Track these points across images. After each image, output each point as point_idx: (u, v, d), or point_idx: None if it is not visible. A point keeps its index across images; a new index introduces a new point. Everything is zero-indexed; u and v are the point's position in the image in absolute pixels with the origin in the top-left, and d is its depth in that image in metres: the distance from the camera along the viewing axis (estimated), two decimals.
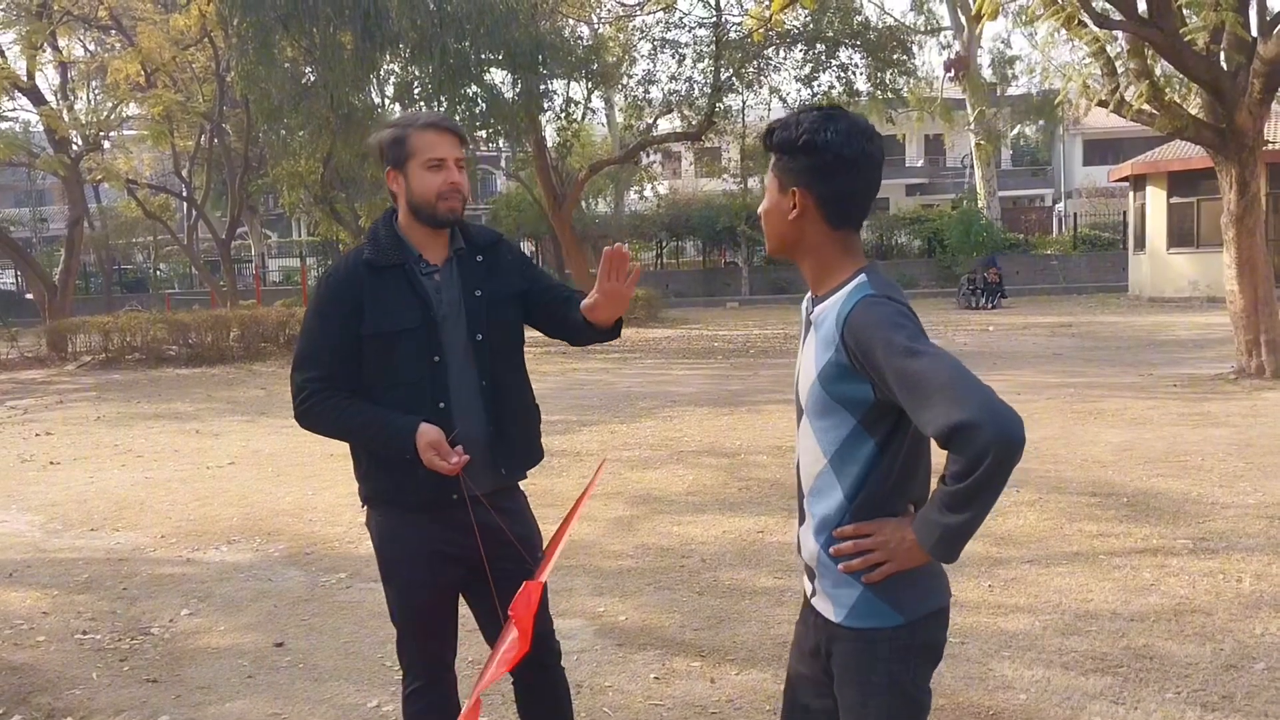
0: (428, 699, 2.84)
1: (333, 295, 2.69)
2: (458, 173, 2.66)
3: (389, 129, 2.72)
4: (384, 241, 2.70)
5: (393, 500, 2.76)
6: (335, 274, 2.74)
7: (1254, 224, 11.58)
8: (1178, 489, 6.80)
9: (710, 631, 4.59)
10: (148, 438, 10.62)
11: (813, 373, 2.01)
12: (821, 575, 2.07)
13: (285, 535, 6.54)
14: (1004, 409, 1.80)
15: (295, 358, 2.75)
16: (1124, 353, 14.99)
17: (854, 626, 2.02)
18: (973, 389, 1.80)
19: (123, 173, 27.65)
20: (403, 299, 2.65)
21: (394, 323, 2.64)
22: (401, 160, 2.65)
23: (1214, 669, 3.98)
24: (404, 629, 2.84)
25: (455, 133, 2.69)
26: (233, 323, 18.93)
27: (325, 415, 2.69)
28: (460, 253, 2.76)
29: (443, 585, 2.79)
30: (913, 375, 1.82)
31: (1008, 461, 1.78)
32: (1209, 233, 22.31)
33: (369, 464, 2.77)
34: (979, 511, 1.84)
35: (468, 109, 21.72)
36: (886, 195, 44.98)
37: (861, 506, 2.00)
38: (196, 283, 38.52)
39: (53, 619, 5.11)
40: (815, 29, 23.68)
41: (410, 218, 2.70)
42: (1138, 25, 10.96)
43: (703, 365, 15.69)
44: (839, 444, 2.00)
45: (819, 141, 1.97)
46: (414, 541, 2.74)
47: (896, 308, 1.92)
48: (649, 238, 38.61)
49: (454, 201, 2.65)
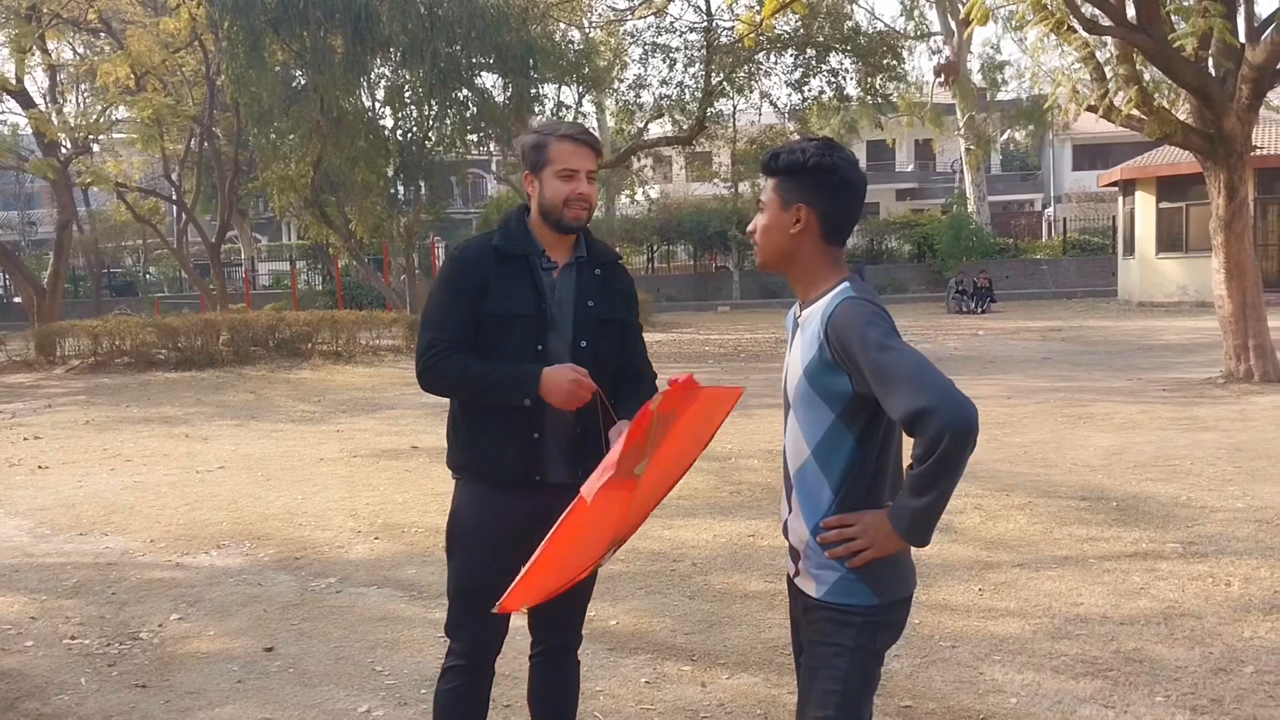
0: (463, 681, 2.92)
1: (463, 270, 2.87)
2: (587, 184, 2.85)
3: (532, 135, 2.91)
4: (514, 232, 2.90)
5: (479, 473, 2.89)
6: (467, 252, 2.91)
7: (1242, 229, 11.64)
8: (1167, 493, 6.82)
9: (701, 636, 4.59)
10: (137, 442, 10.58)
11: (799, 368, 2.26)
12: (807, 558, 2.30)
13: (275, 540, 6.51)
14: (960, 397, 2.03)
15: (425, 319, 2.91)
16: (1113, 357, 15.04)
17: (831, 602, 2.25)
18: (932, 379, 2.04)
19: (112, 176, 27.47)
20: (522, 286, 2.84)
21: (511, 307, 2.82)
22: (539, 166, 2.84)
23: (1203, 672, 4.00)
24: (457, 603, 2.93)
25: (592, 146, 2.87)
26: (222, 326, 18.86)
27: (451, 368, 2.81)
28: (581, 261, 2.93)
29: (505, 567, 2.83)
30: (883, 366, 2.07)
31: (962, 443, 2.01)
32: (1198, 237, 22.42)
33: (466, 435, 2.91)
34: (942, 493, 2.07)
35: (458, 113, 21.73)
36: (877, 200, 45.06)
37: (847, 498, 2.24)
38: (186, 286, 38.40)
39: (41, 624, 5.09)
40: (806, 34, 23.71)
41: (540, 218, 2.88)
42: (1127, 31, 11.02)
43: (693, 369, 15.59)
44: (821, 437, 2.24)
45: (826, 164, 2.26)
46: (490, 517, 2.86)
47: (874, 309, 2.18)
48: (640, 242, 38.64)
49: (579, 210, 2.84)
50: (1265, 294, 12.43)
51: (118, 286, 43.70)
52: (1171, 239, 24.72)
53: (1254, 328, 11.62)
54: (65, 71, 29.45)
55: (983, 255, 32.42)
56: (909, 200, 46.84)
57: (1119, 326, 20.17)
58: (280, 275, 40.53)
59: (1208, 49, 11.17)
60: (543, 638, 3.06)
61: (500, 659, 3.02)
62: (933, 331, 20.48)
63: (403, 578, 5.60)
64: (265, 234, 47.94)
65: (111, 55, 24.84)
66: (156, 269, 45.03)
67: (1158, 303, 24.38)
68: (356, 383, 15.29)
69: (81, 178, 26.70)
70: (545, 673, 3.07)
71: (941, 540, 5.84)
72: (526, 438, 2.82)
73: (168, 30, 23.53)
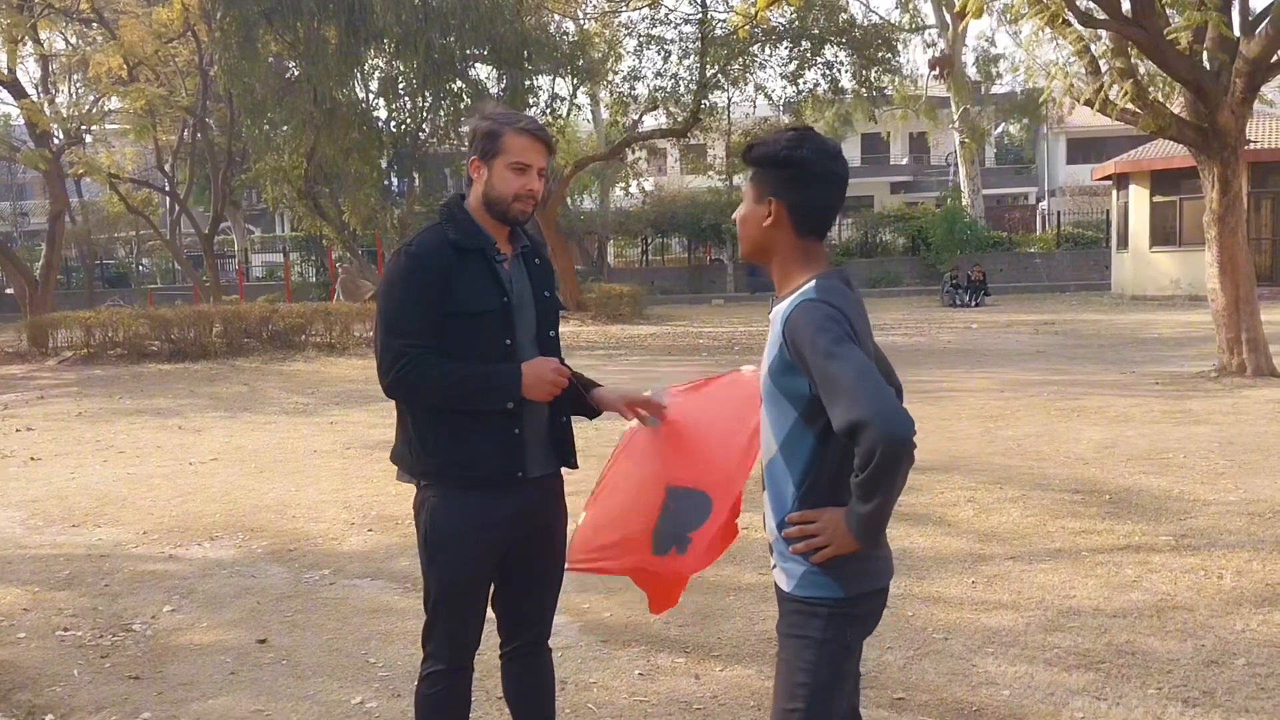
0: (446, 683, 2.88)
1: (423, 267, 2.75)
2: (537, 181, 2.81)
3: (486, 121, 2.83)
4: (464, 224, 2.82)
5: (454, 478, 2.79)
6: (424, 247, 2.78)
7: (1236, 223, 11.65)
8: (1160, 486, 6.83)
9: (694, 628, 4.59)
10: (130, 433, 10.56)
11: (765, 366, 2.30)
12: (777, 552, 2.35)
13: (268, 532, 6.51)
14: (895, 411, 2.04)
15: (388, 324, 2.74)
16: (1106, 351, 15.07)
17: (799, 595, 2.28)
18: (870, 392, 2.04)
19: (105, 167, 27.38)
20: (484, 282, 2.77)
21: (478, 304, 2.75)
22: (490, 154, 2.77)
23: (1195, 665, 4.01)
24: (437, 609, 2.87)
25: (546, 143, 2.83)
26: (215, 318, 18.82)
27: (427, 378, 2.70)
28: (526, 250, 2.91)
29: (485, 568, 2.86)
30: (827, 375, 2.09)
31: (895, 456, 2.02)
32: (1191, 231, 22.46)
33: (436, 440, 2.78)
34: (883, 501, 2.09)
35: (452, 104, 21.69)
36: (871, 193, 45.08)
37: (808, 494, 2.27)
38: (179, 278, 38.30)
39: (33, 615, 5.08)
40: (801, 26, 23.70)
41: (481, 207, 2.82)
42: (1121, 24, 11.02)
43: (687, 362, 15.69)
44: (785, 435, 2.28)
45: (795, 156, 2.26)
46: (470, 522, 2.79)
47: (829, 311, 2.16)
48: (634, 234, 38.60)
49: (527, 204, 2.80)
50: (1258, 288, 12.45)
51: (110, 278, 43.59)
52: (1165, 233, 24.76)
53: (1246, 321, 11.65)
54: (58, 62, 29.32)
55: (977, 249, 32.46)
56: (903, 193, 46.88)
57: (1112, 320, 20.21)
58: (274, 267, 40.48)
59: (1202, 43, 11.18)
60: (515, 634, 3.00)
61: (487, 649, 3.00)
62: (926, 325, 20.50)
63: (396, 569, 5.60)
64: (259, 225, 47.81)
65: (104, 45, 24.76)
66: (149, 260, 44.93)
67: (1151, 296, 24.42)
68: (350, 375, 15.26)
69: (74, 168, 26.62)
70: (520, 668, 3.02)
71: (935, 533, 5.85)
72: (507, 434, 2.77)
73: (160, 20, 23.46)
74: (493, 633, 3.00)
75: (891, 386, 2.26)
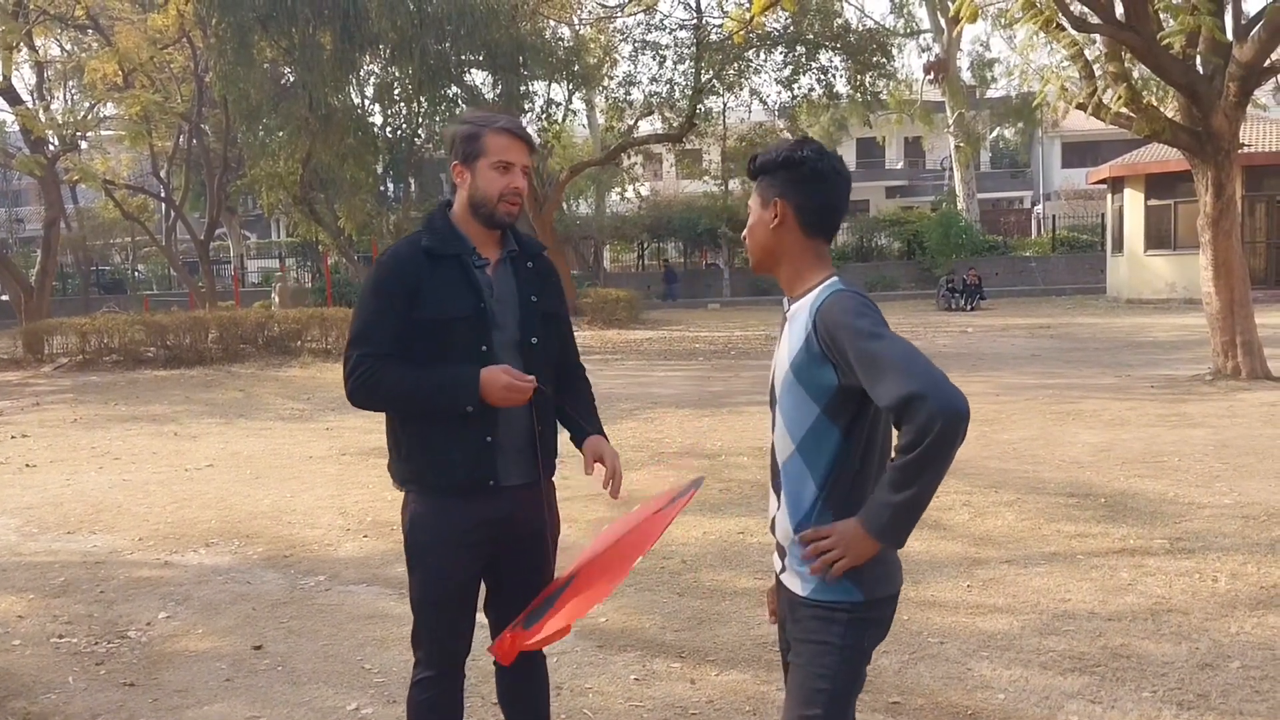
0: (436, 689, 2.88)
1: (392, 276, 2.75)
2: (521, 179, 2.78)
3: (466, 124, 2.81)
4: (442, 231, 2.79)
5: (430, 483, 2.79)
6: (396, 256, 2.78)
7: (1230, 226, 11.68)
8: (1155, 489, 6.84)
9: (691, 633, 4.59)
10: (125, 440, 10.55)
11: (786, 361, 2.26)
12: (792, 555, 2.29)
13: (264, 538, 6.50)
14: (949, 384, 2.01)
15: (352, 335, 2.79)
16: (1102, 354, 15.09)
17: (818, 600, 2.24)
18: (922, 366, 2.02)
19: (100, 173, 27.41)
20: (457, 287, 2.74)
21: (449, 310, 2.72)
22: (472, 156, 2.75)
23: (1190, 668, 4.01)
24: (423, 616, 2.87)
25: (527, 142, 2.81)
26: (211, 324, 18.81)
27: (382, 384, 2.71)
28: (514, 255, 2.86)
29: (467, 574, 2.84)
30: (871, 354, 2.06)
31: (952, 432, 1.97)
32: (1186, 235, 22.47)
33: (409, 445, 2.80)
34: (925, 486, 2.03)
35: (448, 110, 21.71)
36: (866, 197, 45.14)
37: (832, 493, 2.23)
38: (175, 284, 38.30)
39: (29, 622, 5.07)
40: (795, 31, 23.76)
41: (467, 212, 2.80)
42: (1115, 29, 11.05)
43: (684, 367, 15.70)
44: (806, 431, 2.23)
45: (795, 157, 2.29)
46: (446, 527, 2.78)
47: (862, 300, 2.18)
48: (630, 239, 38.60)
49: (512, 204, 2.77)
50: (1253, 291, 12.48)
51: (106, 284, 43.56)
52: (1160, 236, 24.81)
53: (1241, 325, 11.67)
54: (53, 68, 29.35)
55: (972, 252, 32.50)
56: (898, 198, 46.92)
57: (1107, 324, 20.24)
58: (269, 272, 40.43)
59: (1196, 47, 11.22)
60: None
61: (482, 655, 2.99)
62: (922, 328, 20.51)
63: (391, 575, 5.59)
64: (254, 231, 47.83)
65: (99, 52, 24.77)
66: (145, 266, 44.90)
67: (1146, 300, 24.46)
68: None
69: (69, 175, 26.64)
70: (513, 674, 2.99)
71: (930, 537, 5.85)
72: (478, 441, 2.73)
73: (156, 27, 23.48)
74: (487, 639, 3.00)
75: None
